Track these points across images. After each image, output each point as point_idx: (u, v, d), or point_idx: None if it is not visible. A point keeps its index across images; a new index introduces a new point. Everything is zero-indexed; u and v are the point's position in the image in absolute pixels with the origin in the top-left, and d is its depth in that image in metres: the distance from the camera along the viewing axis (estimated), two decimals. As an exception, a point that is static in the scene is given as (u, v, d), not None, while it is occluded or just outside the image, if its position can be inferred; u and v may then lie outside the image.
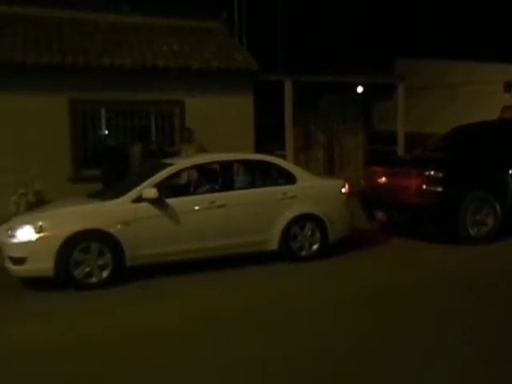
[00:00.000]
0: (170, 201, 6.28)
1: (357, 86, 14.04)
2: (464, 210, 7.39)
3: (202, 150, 9.47)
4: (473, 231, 7.47)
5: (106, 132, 10.29)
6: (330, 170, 12.06)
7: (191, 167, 7.14)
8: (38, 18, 10.55)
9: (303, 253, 6.81)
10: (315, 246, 6.85)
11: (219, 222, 6.44)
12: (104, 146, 9.66)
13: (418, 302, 5.21)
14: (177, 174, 6.76)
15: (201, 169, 7.31)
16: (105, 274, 5.93)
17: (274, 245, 6.70)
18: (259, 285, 5.99)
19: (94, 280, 5.91)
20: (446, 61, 15.53)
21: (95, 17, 11.18)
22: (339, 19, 20.22)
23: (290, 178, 6.94)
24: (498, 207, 7.55)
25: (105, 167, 8.88)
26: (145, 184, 6.23)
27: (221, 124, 10.44)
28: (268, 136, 11.93)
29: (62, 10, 10.78)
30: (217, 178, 7.02)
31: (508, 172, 7.66)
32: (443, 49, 17.03)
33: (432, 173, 7.45)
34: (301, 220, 6.77)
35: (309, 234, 6.81)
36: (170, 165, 6.66)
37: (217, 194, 6.59)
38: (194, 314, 5.07)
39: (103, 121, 10.13)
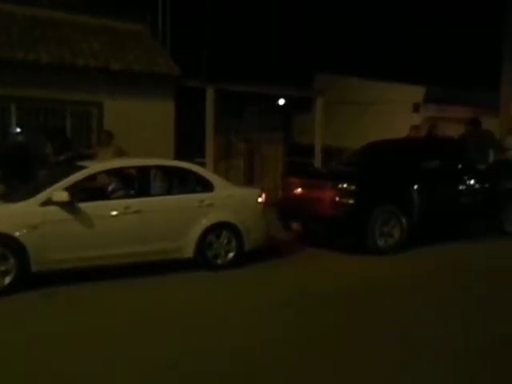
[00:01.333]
0: (83, 205, 6.06)
1: (279, 97, 14.35)
2: (373, 221, 7.71)
3: (121, 153, 9.22)
4: (380, 242, 7.82)
5: (18, 130, 9.75)
6: (249, 180, 12.21)
7: (106, 171, 6.92)
8: None
9: (219, 261, 6.82)
10: (231, 255, 6.88)
11: (134, 228, 6.30)
12: (7, 144, 8.99)
13: (327, 310, 5.38)
14: (91, 178, 6.53)
15: (117, 173, 7.12)
16: (7, 280, 5.60)
17: (189, 252, 6.65)
18: (171, 294, 5.91)
19: (-6, 286, 5.56)
20: (361, 79, 16.27)
21: (11, 8, 10.61)
22: (264, 32, 20.63)
23: (207, 186, 6.94)
24: (404, 220, 7.97)
25: (7, 167, 8.37)
26: (55, 186, 5.97)
27: (141, 128, 10.25)
28: (189, 143, 11.87)
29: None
30: (133, 183, 6.88)
31: (413, 187, 8.12)
32: (360, 67, 17.84)
33: (345, 186, 7.73)
34: (217, 228, 6.78)
35: (225, 242, 6.83)
36: (84, 167, 6.44)
37: (132, 200, 6.45)
38: (95, 323, 4.88)
39: (13, 118, 9.60)
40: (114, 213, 6.22)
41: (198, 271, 6.67)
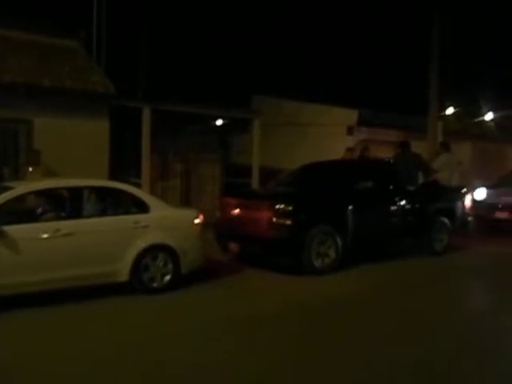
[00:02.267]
0: (9, 228, 5.72)
1: (216, 118, 14.37)
2: (309, 242, 7.79)
3: (49, 173, 8.87)
4: (317, 262, 7.90)
5: None
6: (186, 200, 12.06)
7: (35, 192, 6.60)
8: None
9: (155, 284, 6.63)
10: (167, 277, 6.71)
11: (65, 251, 6.02)
12: None
13: (260, 333, 5.33)
14: (18, 199, 6.19)
15: (46, 194, 6.80)
16: None
17: (124, 276, 6.43)
18: (100, 319, 5.66)
19: None
20: (298, 101, 16.62)
21: None
22: (202, 53, 20.72)
23: (142, 207, 6.77)
24: (339, 240, 8.11)
25: None
26: (-22, 209, 5.62)
27: (73, 148, 9.90)
28: (125, 164, 11.61)
29: None
30: (64, 204, 6.59)
31: (348, 207, 8.30)
32: (296, 90, 18.24)
33: (282, 206, 7.79)
34: (153, 250, 6.61)
35: (161, 264, 6.67)
36: (11, 188, 6.11)
37: (63, 222, 6.17)
38: (19, 355, 4.59)
39: None
40: (44, 236, 5.92)
41: (134, 295, 6.46)
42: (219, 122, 14.85)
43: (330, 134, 15.19)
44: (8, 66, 9.84)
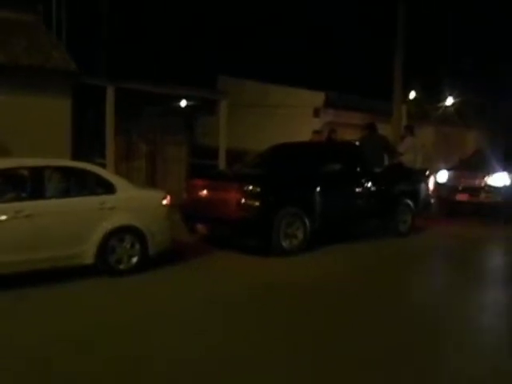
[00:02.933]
0: (-34, 209, 5.46)
1: (182, 98, 14.10)
2: (277, 223, 7.78)
3: (6, 153, 8.53)
4: (285, 243, 7.91)
5: None
6: (152, 182, 11.85)
7: (-6, 172, 6.30)
8: None
9: (121, 266, 6.49)
10: (134, 259, 6.57)
11: (26, 233, 5.80)
12: None
13: (227, 315, 5.29)
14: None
15: (5, 174, 6.50)
16: None
17: (90, 258, 6.26)
18: (66, 303, 5.51)
19: None
20: (264, 83, 16.49)
21: None
22: (167, 32, 20.23)
23: (108, 188, 6.57)
24: (307, 221, 8.13)
25: None
26: None
27: (33, 127, 9.53)
28: (88, 143, 11.27)
29: None
30: (25, 185, 6.32)
31: (316, 189, 8.32)
32: (262, 71, 18.09)
33: (250, 188, 7.73)
34: (119, 232, 6.45)
35: (128, 246, 6.52)
36: (-33, 168, 5.82)
37: (24, 203, 5.93)
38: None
39: None
40: (3, 217, 5.69)
41: (100, 278, 6.31)
42: (183, 103, 14.58)
43: (297, 116, 15.16)
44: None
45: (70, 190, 6.62)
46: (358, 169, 9.22)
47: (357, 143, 10.41)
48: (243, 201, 7.69)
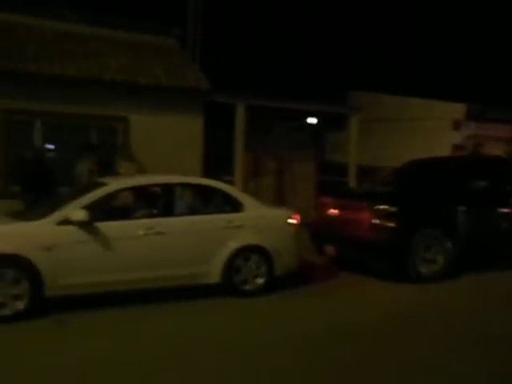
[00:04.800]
0: (102, 225, 5.62)
1: (309, 114, 13.86)
2: (414, 247, 7.12)
3: (142, 170, 8.90)
4: (423, 269, 7.20)
5: (48, 146, 9.52)
6: (279, 199, 11.68)
7: (129, 188, 6.50)
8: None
9: (247, 287, 6.29)
10: (260, 280, 6.34)
11: (156, 250, 5.84)
12: (23, 159, 8.46)
13: (370, 345, 4.78)
14: (112, 196, 6.10)
15: (140, 191, 6.69)
16: (19, 305, 5.19)
17: (215, 278, 6.14)
18: (192, 322, 5.40)
19: (6, 312, 5.15)
20: (398, 96, 15.69)
21: (39, 22, 10.49)
22: (297, 48, 20.30)
23: (236, 206, 6.44)
24: (448, 245, 7.33)
25: (25, 183, 8.07)
26: (73, 204, 5.57)
27: (167, 144, 9.89)
28: (217, 160, 11.46)
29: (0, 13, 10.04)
30: (157, 201, 6.43)
31: (459, 210, 7.47)
32: (396, 85, 17.29)
33: (384, 207, 7.16)
34: (246, 251, 6.26)
35: (254, 266, 6.31)
36: (105, 184, 6.03)
37: (155, 220, 5.99)
38: (113, 354, 4.43)
39: (38, 133, 9.34)
40: (136, 234, 5.77)
41: (225, 298, 6.16)
42: (311, 119, 14.31)
43: (434, 130, 14.12)
44: (107, 64, 10.02)
45: (199, 208, 6.60)
46: (508, 187, 8.13)
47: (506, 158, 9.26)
48: (376, 221, 7.13)
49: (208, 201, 6.71)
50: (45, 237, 5.36)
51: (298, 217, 6.85)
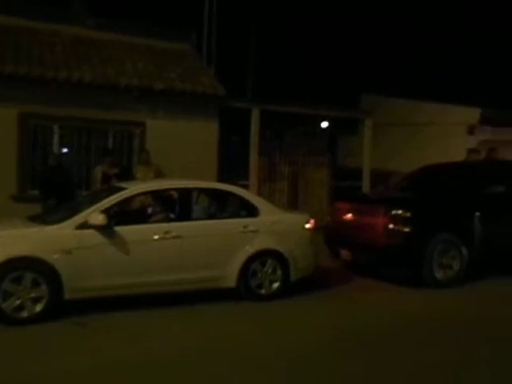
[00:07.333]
0: (120, 229, 5.68)
1: (323, 119, 13.86)
2: (430, 252, 7.09)
3: (159, 174, 8.97)
4: (438, 274, 7.17)
5: (64, 150, 9.66)
6: (293, 203, 11.70)
7: (146, 193, 6.58)
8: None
9: (262, 291, 6.31)
10: (276, 285, 6.36)
11: (173, 254, 5.89)
12: (50, 167, 8.68)
13: (386, 351, 4.78)
14: (130, 200, 6.18)
15: (157, 195, 6.77)
16: (38, 307, 5.26)
17: (231, 282, 6.17)
18: (209, 325, 5.44)
19: (25, 314, 5.23)
20: (411, 100, 15.62)
21: (57, 28, 10.66)
22: (309, 52, 20.34)
23: (252, 211, 6.48)
24: (464, 250, 7.30)
25: (45, 187, 8.20)
26: (92, 209, 5.64)
27: (183, 148, 9.98)
28: (231, 165, 11.51)
29: (19, 19, 10.20)
30: (174, 206, 6.49)
31: (475, 215, 7.44)
32: (408, 88, 17.22)
33: (399, 212, 7.14)
34: (262, 256, 6.29)
35: (269, 271, 6.33)
36: (123, 189, 6.10)
37: (172, 224, 6.05)
38: (132, 356, 4.47)
39: (56, 138, 9.48)
40: (153, 238, 5.83)
41: (240, 302, 6.19)
42: (325, 124, 14.31)
43: (448, 134, 14.02)
44: (123, 69, 10.14)
45: (215, 212, 6.65)
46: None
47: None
48: (391, 226, 7.12)
49: (224, 205, 6.75)
50: (64, 240, 5.43)
51: (314, 221, 6.87)
